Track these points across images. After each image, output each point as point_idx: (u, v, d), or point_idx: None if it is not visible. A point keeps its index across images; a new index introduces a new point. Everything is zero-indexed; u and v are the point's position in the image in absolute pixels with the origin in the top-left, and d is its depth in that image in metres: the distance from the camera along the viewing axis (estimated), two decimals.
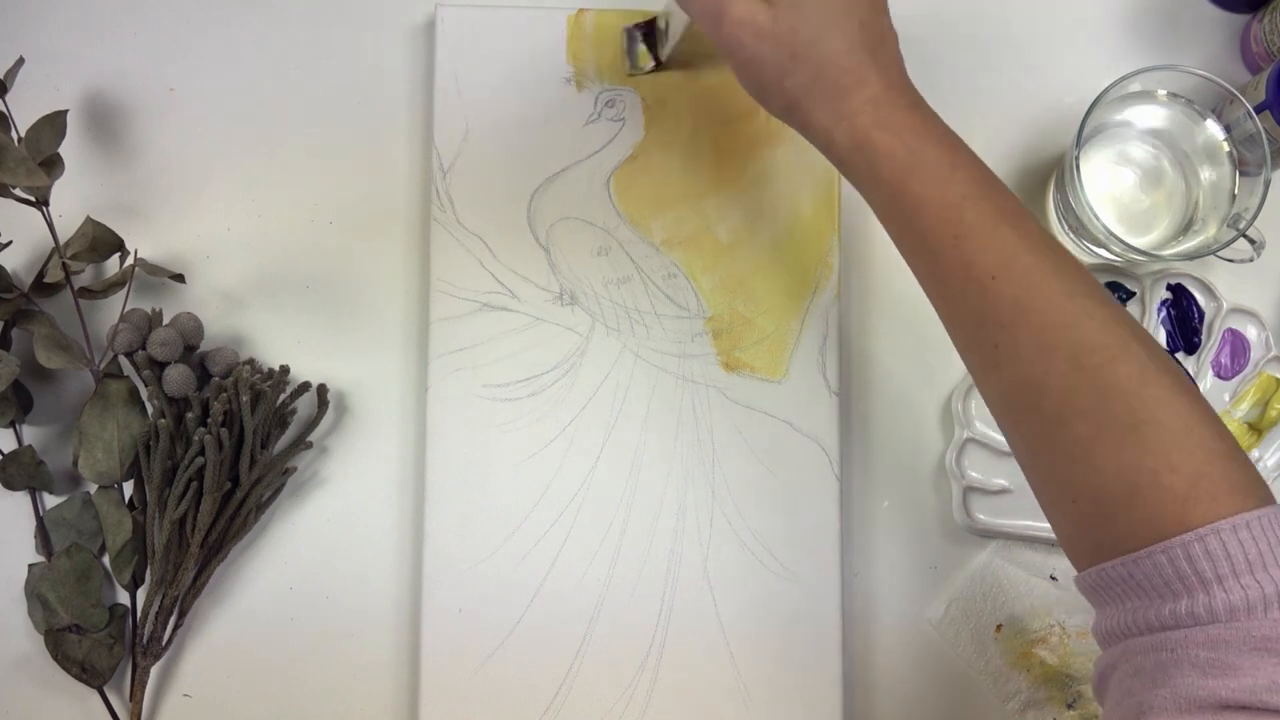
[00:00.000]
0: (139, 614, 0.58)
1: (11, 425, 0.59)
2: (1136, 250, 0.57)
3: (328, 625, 0.59)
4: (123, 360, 0.59)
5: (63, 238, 0.59)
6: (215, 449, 0.56)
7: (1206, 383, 0.62)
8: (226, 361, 0.59)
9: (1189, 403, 0.40)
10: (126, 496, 0.59)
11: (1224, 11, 0.66)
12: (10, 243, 0.60)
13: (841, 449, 0.60)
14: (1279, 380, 0.62)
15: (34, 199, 0.56)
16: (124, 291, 0.59)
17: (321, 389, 0.60)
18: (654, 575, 0.59)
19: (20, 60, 0.57)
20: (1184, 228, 0.61)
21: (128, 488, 0.59)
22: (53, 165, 0.57)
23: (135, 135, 0.63)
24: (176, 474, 0.56)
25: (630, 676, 0.58)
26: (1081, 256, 0.63)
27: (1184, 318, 0.62)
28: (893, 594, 0.61)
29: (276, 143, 0.63)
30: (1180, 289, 0.62)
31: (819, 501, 0.59)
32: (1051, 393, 0.41)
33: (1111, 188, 0.61)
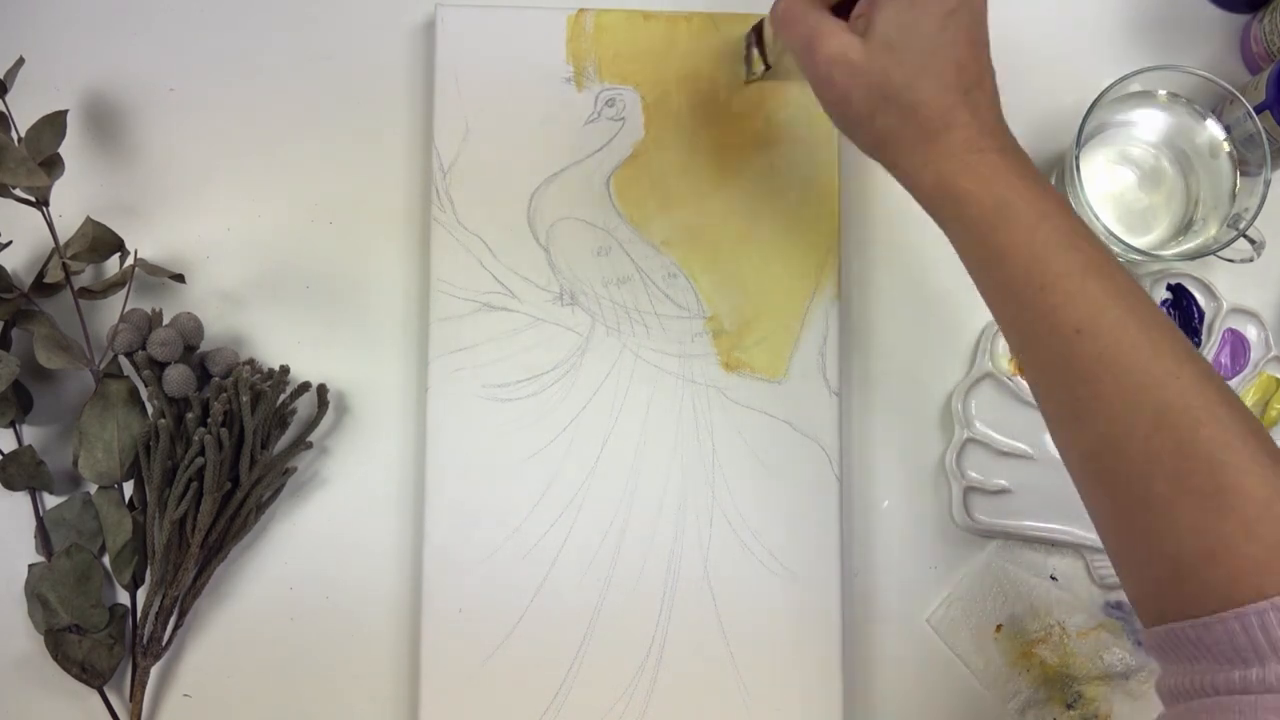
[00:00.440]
0: (139, 614, 0.58)
1: (11, 425, 0.59)
2: (1136, 250, 0.57)
3: (328, 625, 0.59)
4: (123, 360, 0.59)
5: (63, 238, 0.59)
6: (215, 449, 0.56)
7: None
8: (226, 361, 0.59)
9: (1273, 470, 0.40)
10: (126, 496, 0.59)
11: (1224, 11, 0.66)
12: (10, 243, 0.60)
13: (841, 449, 0.60)
14: (1279, 380, 0.62)
15: (34, 199, 0.56)
16: (124, 291, 0.59)
17: (321, 389, 0.60)
18: (654, 575, 0.59)
19: (20, 60, 0.57)
20: (1184, 228, 0.61)
21: (128, 488, 0.59)
22: (53, 165, 0.57)
23: (135, 135, 0.63)
24: (176, 474, 0.56)
25: (630, 676, 0.58)
26: None
27: (1184, 318, 0.62)
28: (893, 594, 0.61)
29: (276, 143, 0.63)
30: (1180, 289, 0.62)
31: (819, 501, 0.59)
32: (1134, 451, 0.41)
33: (1111, 188, 0.61)
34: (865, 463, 0.62)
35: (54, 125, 0.57)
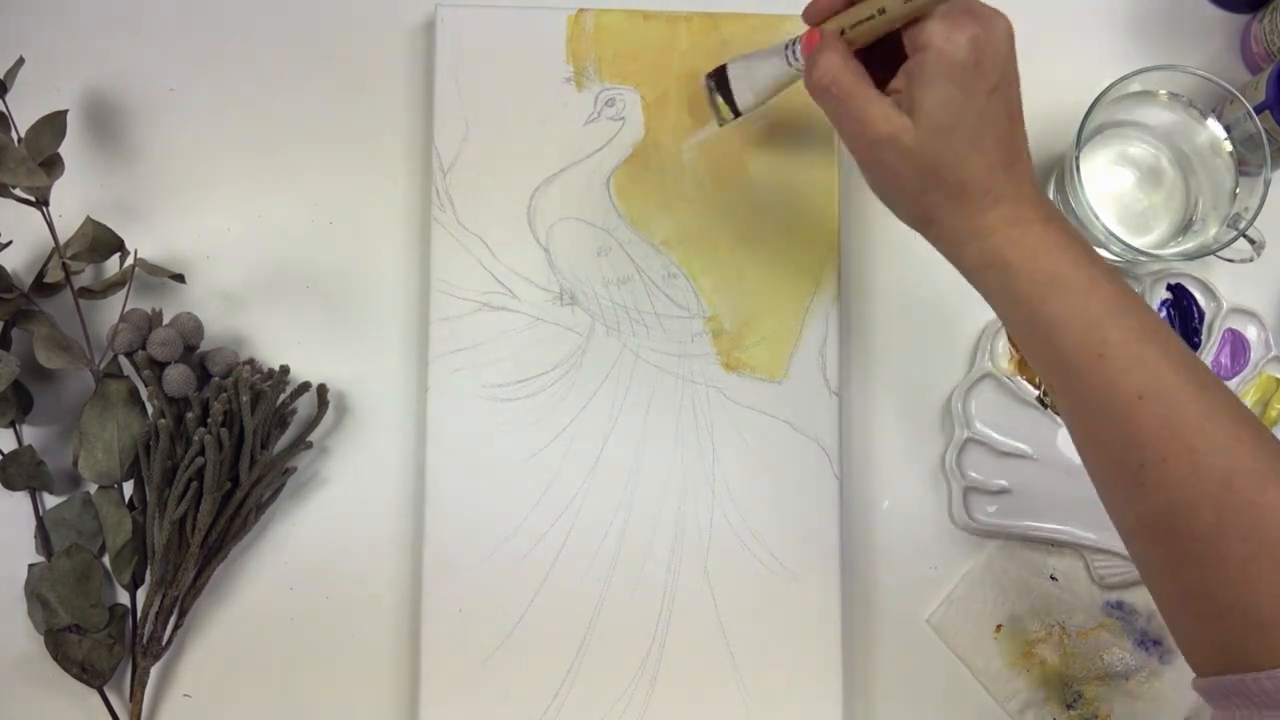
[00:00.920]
0: (139, 614, 0.58)
1: (11, 425, 0.59)
2: (1136, 250, 0.57)
3: (328, 625, 0.59)
4: (123, 360, 0.59)
5: (63, 238, 0.59)
6: (215, 449, 0.56)
7: None
8: (226, 361, 0.59)
9: None
10: (126, 496, 0.59)
11: (1224, 11, 0.66)
12: (10, 243, 0.60)
13: (841, 449, 0.60)
14: (1279, 380, 0.62)
15: (34, 199, 0.56)
16: (124, 291, 0.59)
17: (321, 389, 0.60)
18: (654, 575, 0.59)
19: (20, 60, 0.57)
20: (1184, 228, 0.61)
21: (128, 488, 0.59)
22: (53, 165, 0.57)
23: (135, 135, 0.63)
24: (176, 474, 0.56)
25: (630, 676, 0.58)
26: None
27: (1184, 318, 0.62)
28: (893, 594, 0.61)
29: (276, 143, 0.63)
30: (1180, 289, 0.62)
31: (819, 501, 0.59)
32: (1203, 514, 0.41)
33: (1111, 188, 0.61)
34: (865, 463, 0.62)
35: (54, 125, 0.57)
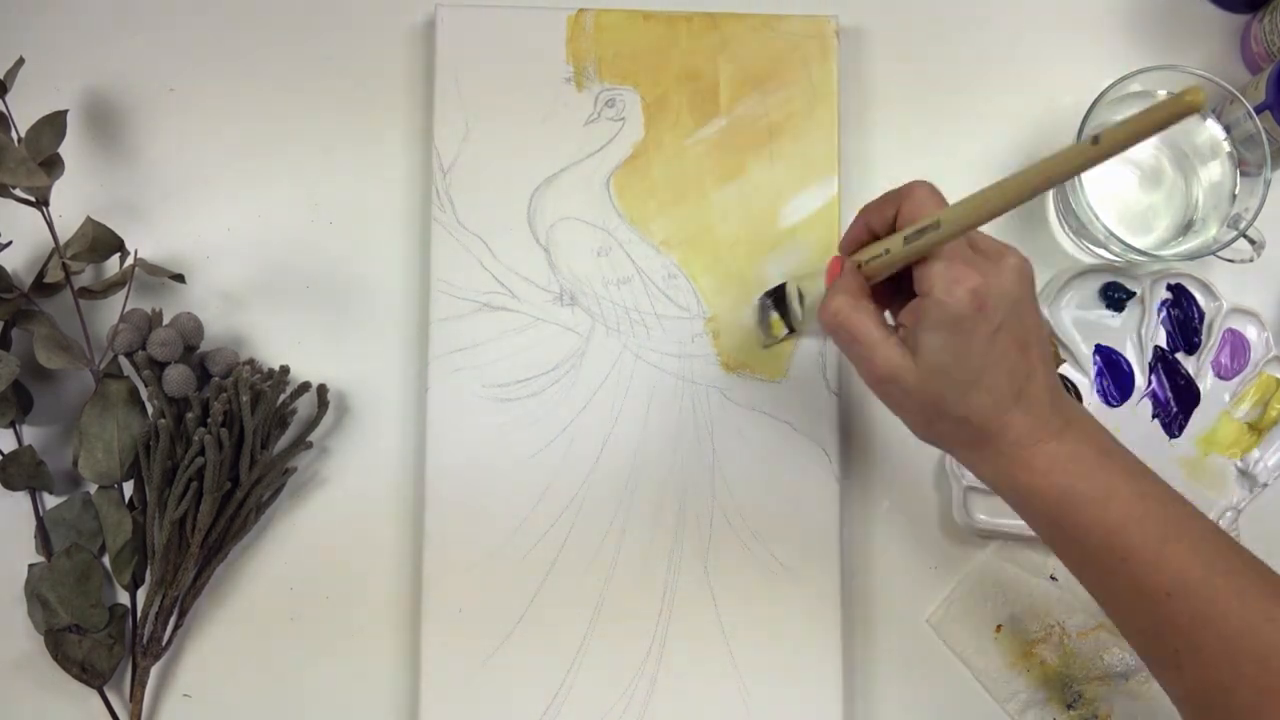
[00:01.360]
0: (139, 614, 0.58)
1: (11, 425, 0.59)
2: (1136, 250, 0.57)
3: (328, 625, 0.59)
4: (123, 360, 0.59)
5: (63, 238, 0.59)
6: (215, 449, 0.56)
7: (1206, 383, 0.62)
8: (226, 361, 0.59)
9: None
10: (126, 496, 0.59)
11: (1224, 11, 0.66)
12: (10, 243, 0.60)
13: (841, 449, 0.60)
14: (1279, 380, 0.62)
15: (34, 199, 0.56)
16: (124, 291, 0.59)
17: (321, 389, 0.60)
18: (654, 575, 0.59)
19: (20, 60, 0.57)
20: (1184, 228, 0.61)
21: (128, 488, 0.59)
22: (53, 165, 0.57)
23: (135, 135, 0.63)
24: (176, 474, 0.56)
25: (630, 676, 0.58)
26: (1081, 256, 0.63)
27: (1184, 318, 0.62)
28: (893, 594, 0.61)
29: (276, 143, 0.63)
30: (1180, 289, 0.62)
31: (819, 501, 0.59)
32: (1243, 695, 0.43)
33: (1111, 188, 0.61)
34: (865, 463, 0.62)
35: (54, 125, 0.57)
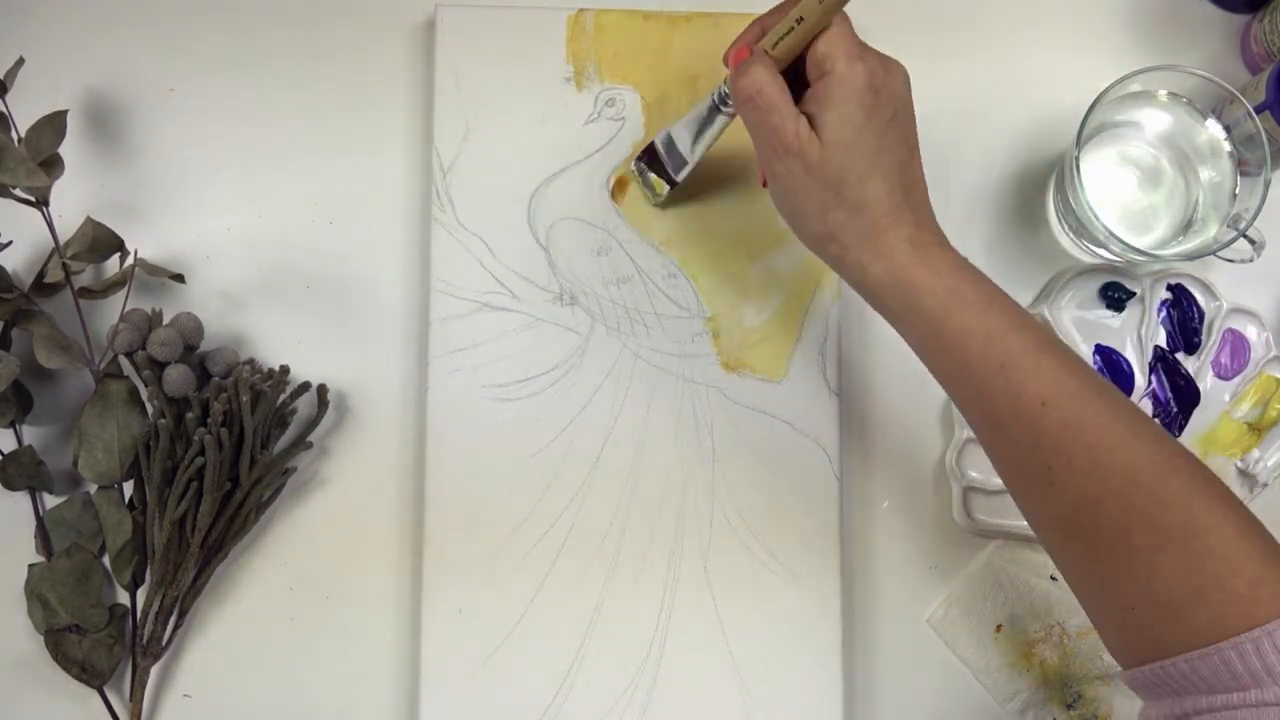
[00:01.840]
0: (139, 614, 0.58)
1: (11, 425, 0.59)
2: (1136, 250, 0.57)
3: (328, 625, 0.59)
4: (123, 360, 0.59)
5: (63, 238, 0.59)
6: (215, 449, 0.56)
7: (1206, 383, 0.62)
8: (226, 361, 0.59)
9: (1238, 510, 0.43)
10: (126, 496, 0.59)
11: (1224, 11, 0.66)
12: (10, 243, 0.60)
13: (841, 449, 0.60)
14: (1279, 380, 0.62)
15: (34, 199, 0.56)
16: (124, 291, 0.59)
17: (321, 389, 0.60)
18: (654, 575, 0.59)
19: (20, 60, 0.57)
20: (1184, 228, 0.61)
21: (128, 488, 0.59)
22: (53, 165, 0.57)
23: (135, 135, 0.63)
24: (176, 474, 0.56)
25: (630, 676, 0.58)
26: (1081, 256, 0.63)
27: (1184, 318, 0.62)
28: (893, 594, 0.61)
29: (276, 143, 0.63)
30: (1180, 289, 0.62)
31: (819, 501, 0.59)
32: (1109, 508, 0.44)
33: (1112, 188, 0.61)
34: (865, 463, 0.62)
35: (54, 125, 0.57)
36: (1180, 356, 0.62)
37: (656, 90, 0.62)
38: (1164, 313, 0.62)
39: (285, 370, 0.59)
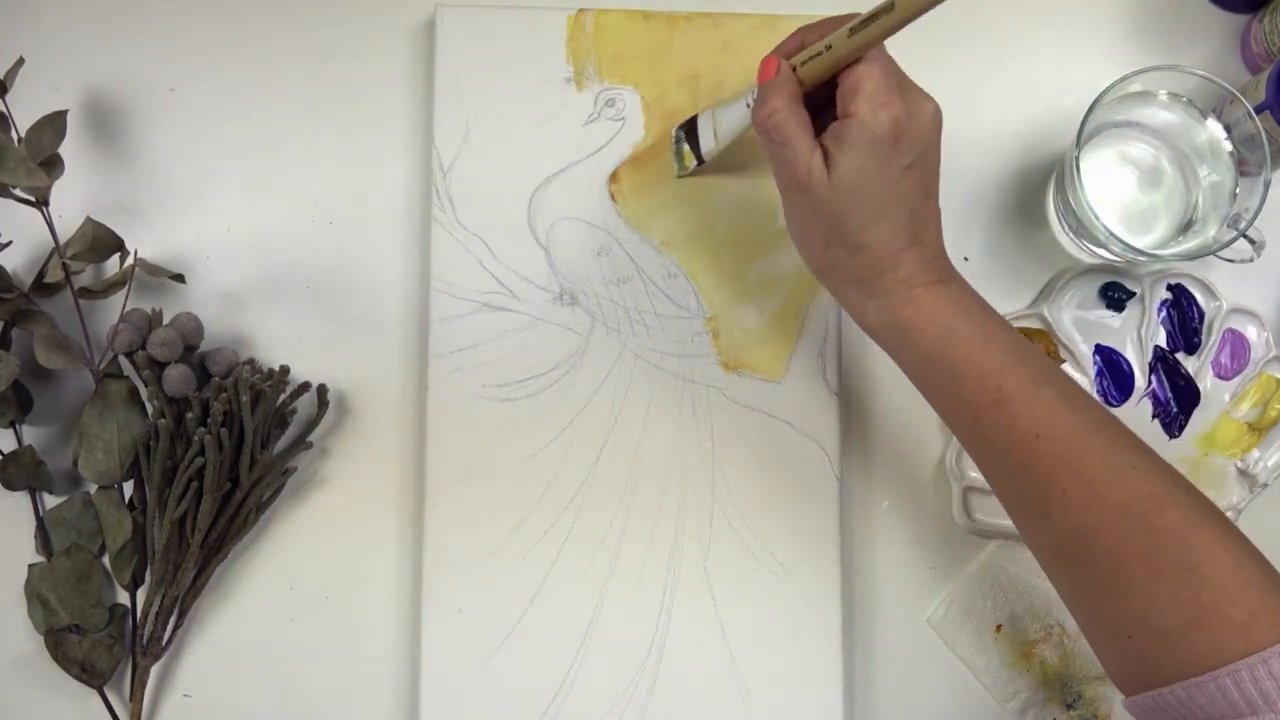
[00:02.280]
0: (139, 614, 0.58)
1: (11, 425, 0.59)
2: (1136, 250, 0.57)
3: (328, 625, 0.59)
4: (123, 360, 0.59)
5: (63, 238, 0.59)
6: (215, 449, 0.56)
7: (1206, 383, 0.62)
8: (226, 361, 0.59)
9: (1236, 541, 0.43)
10: (126, 496, 0.59)
11: (1224, 11, 0.66)
12: (10, 243, 0.60)
13: (841, 449, 0.60)
14: (1279, 380, 0.62)
15: (34, 199, 0.56)
16: (124, 291, 0.59)
17: (321, 389, 0.60)
18: (654, 575, 0.59)
19: (20, 60, 0.57)
20: (1184, 228, 0.61)
21: (128, 488, 0.59)
22: (53, 165, 0.57)
23: (135, 135, 0.63)
24: (176, 474, 0.56)
25: (630, 676, 0.58)
26: (1081, 256, 0.63)
27: (1184, 318, 0.62)
28: (893, 594, 0.61)
29: (276, 143, 0.63)
30: (1180, 289, 0.62)
31: (819, 501, 0.59)
32: (1105, 539, 0.44)
33: (1111, 188, 0.61)
34: (865, 463, 0.62)
35: (54, 125, 0.57)
36: (1180, 356, 0.62)
37: (656, 90, 0.62)
38: (1164, 313, 0.62)
39: (285, 370, 0.59)
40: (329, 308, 0.62)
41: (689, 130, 0.59)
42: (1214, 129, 0.60)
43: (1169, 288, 0.62)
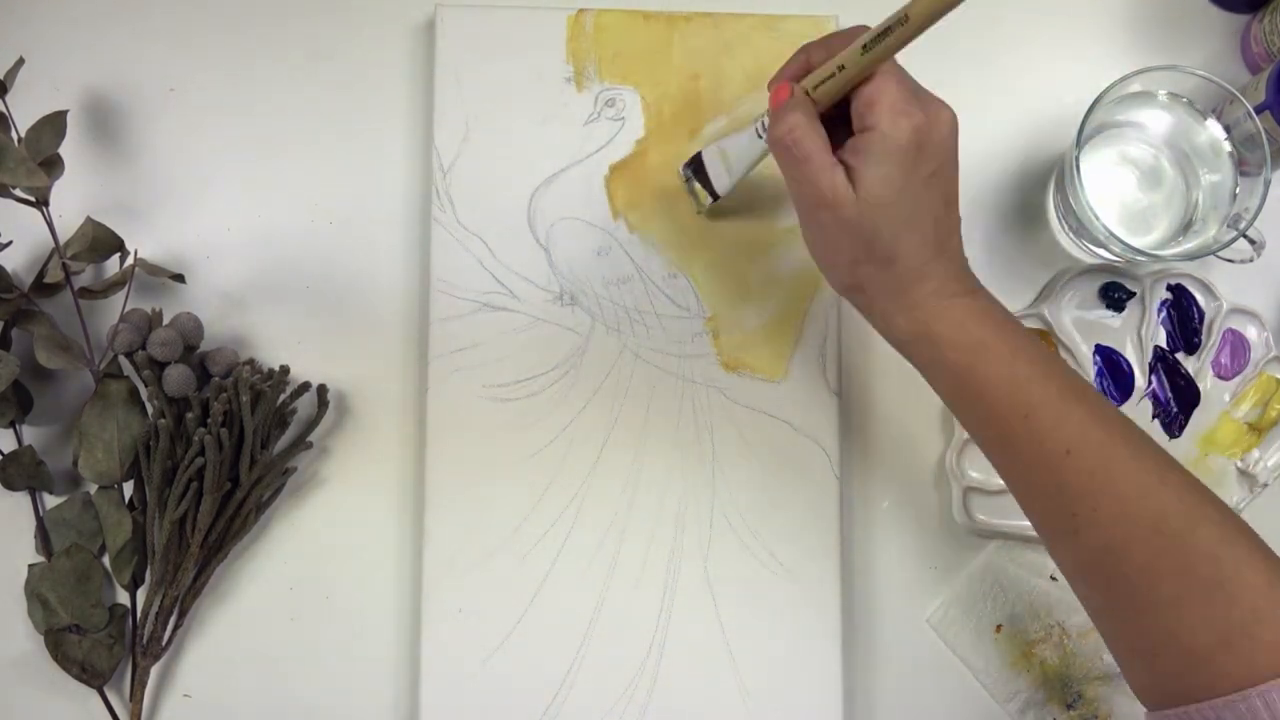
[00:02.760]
0: (139, 614, 0.58)
1: (11, 425, 0.59)
2: (1136, 250, 0.57)
3: (328, 625, 0.59)
4: (123, 360, 0.59)
5: (63, 238, 0.59)
6: (215, 449, 0.56)
7: (1206, 383, 0.62)
8: (226, 361, 0.59)
9: (1268, 560, 0.43)
10: (126, 496, 0.59)
11: (1224, 11, 0.66)
12: (10, 243, 0.60)
13: (841, 449, 0.60)
14: (1279, 380, 0.62)
15: (34, 199, 0.56)
16: (124, 291, 0.59)
17: (321, 389, 0.60)
18: (654, 575, 0.59)
19: (20, 60, 0.57)
20: (1184, 228, 0.61)
21: (128, 488, 0.59)
22: (53, 165, 0.57)
23: (135, 135, 0.63)
24: (176, 474, 0.56)
25: (630, 676, 0.58)
26: (1081, 256, 0.63)
27: (1184, 318, 0.62)
28: (893, 594, 0.61)
29: (276, 143, 0.63)
30: (1180, 289, 0.62)
31: (819, 501, 0.59)
32: (1135, 557, 0.44)
33: (1111, 188, 0.61)
34: (865, 463, 0.62)
35: (54, 125, 0.57)
36: (1180, 356, 0.62)
37: (656, 90, 0.62)
38: (1164, 313, 0.62)
39: (285, 370, 0.59)
40: (329, 308, 0.62)
41: (696, 168, 0.58)
42: (1214, 129, 0.60)
43: (1169, 288, 0.62)
